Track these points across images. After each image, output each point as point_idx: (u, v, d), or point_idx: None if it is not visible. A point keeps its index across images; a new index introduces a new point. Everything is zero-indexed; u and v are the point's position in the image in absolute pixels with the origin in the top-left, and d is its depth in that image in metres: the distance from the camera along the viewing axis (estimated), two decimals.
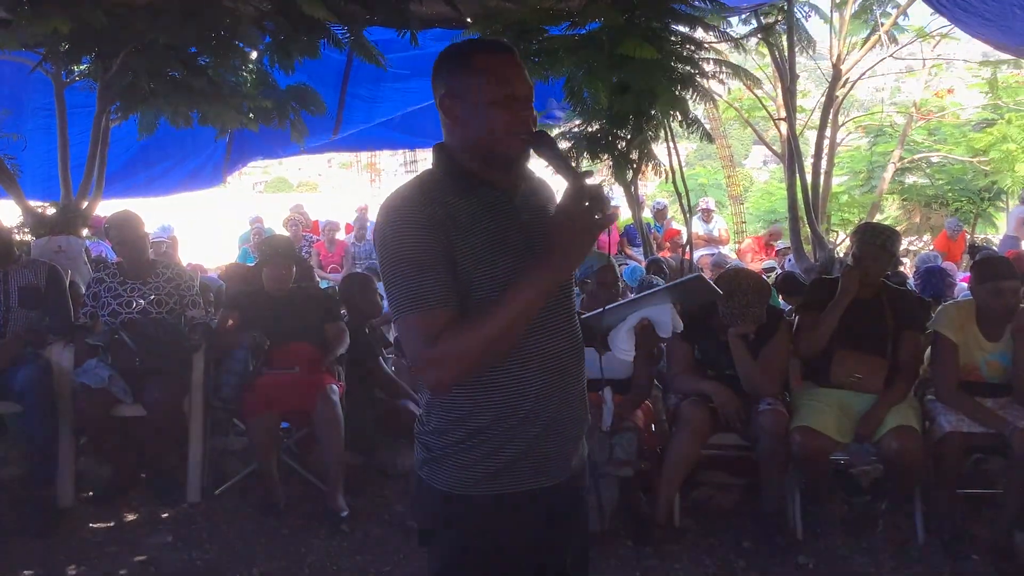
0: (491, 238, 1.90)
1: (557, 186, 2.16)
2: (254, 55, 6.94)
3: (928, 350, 4.66)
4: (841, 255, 9.41)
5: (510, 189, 1.99)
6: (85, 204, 6.90)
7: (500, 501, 1.96)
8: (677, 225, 13.76)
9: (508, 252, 1.90)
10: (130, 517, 4.79)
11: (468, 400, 1.94)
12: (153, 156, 9.34)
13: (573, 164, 1.78)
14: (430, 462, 2.01)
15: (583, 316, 1.89)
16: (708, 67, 7.01)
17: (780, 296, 6.85)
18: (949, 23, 10.51)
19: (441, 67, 2.00)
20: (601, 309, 1.88)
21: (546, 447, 1.98)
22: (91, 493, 5.02)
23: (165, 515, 4.80)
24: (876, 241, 4.46)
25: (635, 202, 8.75)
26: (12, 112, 7.86)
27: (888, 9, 12.68)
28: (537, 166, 2.09)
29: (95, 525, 4.68)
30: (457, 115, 1.95)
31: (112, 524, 4.69)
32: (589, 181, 1.79)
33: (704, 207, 13.62)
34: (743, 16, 9.62)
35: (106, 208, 7.60)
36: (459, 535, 1.99)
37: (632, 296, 1.84)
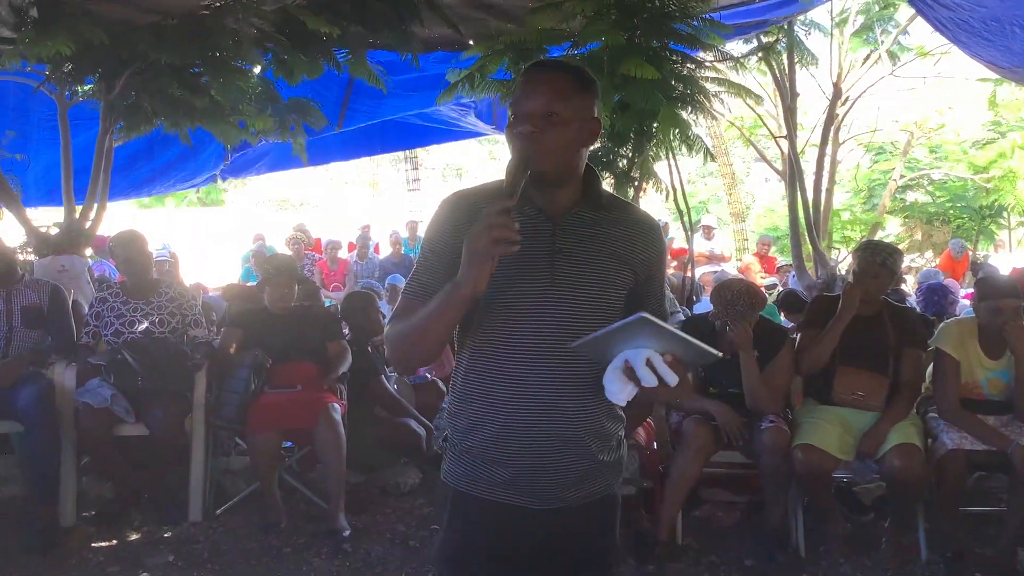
0: (510, 256, 1.87)
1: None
2: (257, 69, 6.98)
3: (930, 367, 4.65)
4: (843, 272, 9.42)
5: (555, 211, 2.01)
6: (88, 224, 6.92)
7: (486, 505, 2.02)
8: (678, 243, 13.77)
9: (524, 273, 1.93)
10: (132, 536, 4.78)
11: (456, 403, 2.08)
12: (156, 150, 9.30)
13: (517, 184, 1.78)
14: (443, 452, 2.14)
15: (574, 344, 1.87)
16: (709, 86, 7.03)
17: (782, 313, 6.86)
18: (948, 42, 10.57)
19: None
20: (586, 337, 1.84)
21: (527, 468, 2.00)
22: (93, 512, 5.01)
23: (167, 534, 4.79)
24: (877, 259, 4.47)
25: None
26: (18, 134, 7.89)
27: (888, 28, 12.75)
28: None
29: (96, 544, 4.66)
30: None
31: (114, 543, 4.69)
32: (501, 205, 1.80)
33: (705, 224, 13.65)
34: (745, 36, 9.67)
35: (109, 228, 7.62)
36: (448, 523, 2.07)
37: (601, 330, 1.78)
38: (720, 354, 1.92)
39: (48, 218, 8.07)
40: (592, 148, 6.57)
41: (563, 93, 1.95)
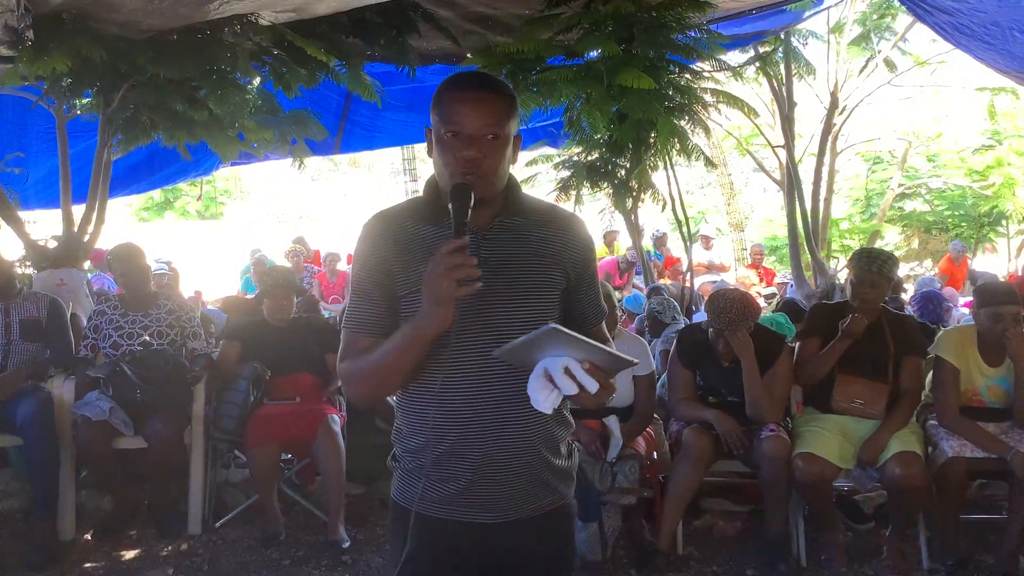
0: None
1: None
2: (256, 81, 7.00)
3: (929, 375, 4.65)
4: (841, 281, 9.42)
5: (479, 224, 1.98)
6: (87, 237, 6.92)
7: (437, 524, 2.01)
8: (676, 253, 13.79)
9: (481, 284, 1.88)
10: (131, 549, 4.76)
11: (405, 422, 2.07)
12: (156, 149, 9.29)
13: (463, 222, 1.77)
14: (395, 468, 2.13)
15: (495, 351, 1.87)
16: (706, 96, 7.05)
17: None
18: (945, 50, 10.61)
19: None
20: (507, 345, 1.83)
21: (479, 484, 1.99)
22: (92, 526, 4.99)
23: (166, 548, 4.78)
24: (873, 267, 4.46)
25: (635, 230, 8.77)
26: (18, 149, 7.91)
27: (886, 36, 12.79)
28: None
29: (96, 558, 4.66)
30: (429, 147, 2.00)
31: (113, 556, 4.67)
32: (455, 245, 1.79)
33: (704, 235, 13.66)
34: (742, 47, 9.71)
35: (108, 242, 7.62)
36: (402, 545, 2.01)
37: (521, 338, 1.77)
38: (636, 361, 1.93)
39: (47, 224, 8.09)
40: (591, 159, 6.51)
41: (503, 114, 1.94)
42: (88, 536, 4.90)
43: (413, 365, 1.95)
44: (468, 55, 7.29)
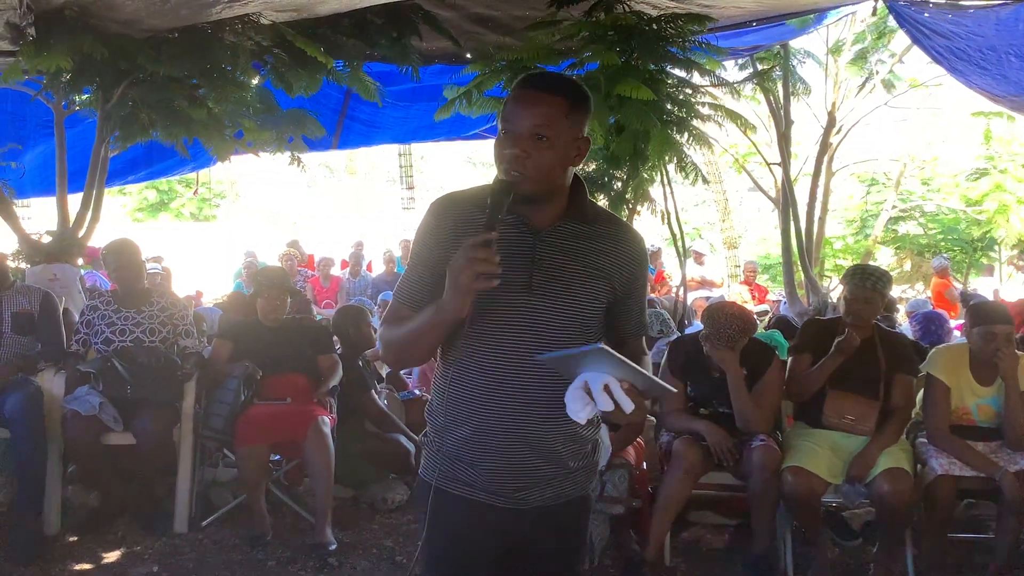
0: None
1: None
2: (256, 80, 7.01)
3: (920, 392, 4.66)
4: (834, 300, 9.45)
5: (539, 224, 2.04)
6: (81, 233, 6.91)
7: (458, 502, 2.07)
8: (669, 268, 13.79)
9: (503, 283, 1.91)
10: (116, 546, 4.74)
11: (434, 401, 2.16)
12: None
13: (496, 217, 1.84)
14: (425, 444, 2.20)
15: (540, 356, 1.93)
16: (704, 111, 7.07)
17: None
18: (942, 73, 10.67)
19: None
20: (556, 353, 1.88)
21: (500, 470, 2.05)
22: (78, 521, 4.96)
23: (152, 545, 4.75)
24: (867, 283, 4.47)
25: None
26: (15, 143, 7.90)
27: (883, 58, 12.86)
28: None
29: (81, 554, 4.63)
30: None
31: (98, 553, 4.65)
32: (482, 239, 1.85)
33: (696, 250, 13.67)
34: (740, 61, 9.74)
35: (102, 239, 7.61)
36: (427, 520, 2.10)
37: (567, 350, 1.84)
38: (674, 390, 1.99)
39: (41, 212, 8.06)
40: (588, 169, 6.52)
41: (555, 116, 1.97)
42: (74, 532, 4.87)
43: (432, 345, 2.06)
44: (468, 56, 7.31)
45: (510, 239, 1.99)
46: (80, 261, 7.23)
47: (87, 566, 4.51)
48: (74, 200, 7.02)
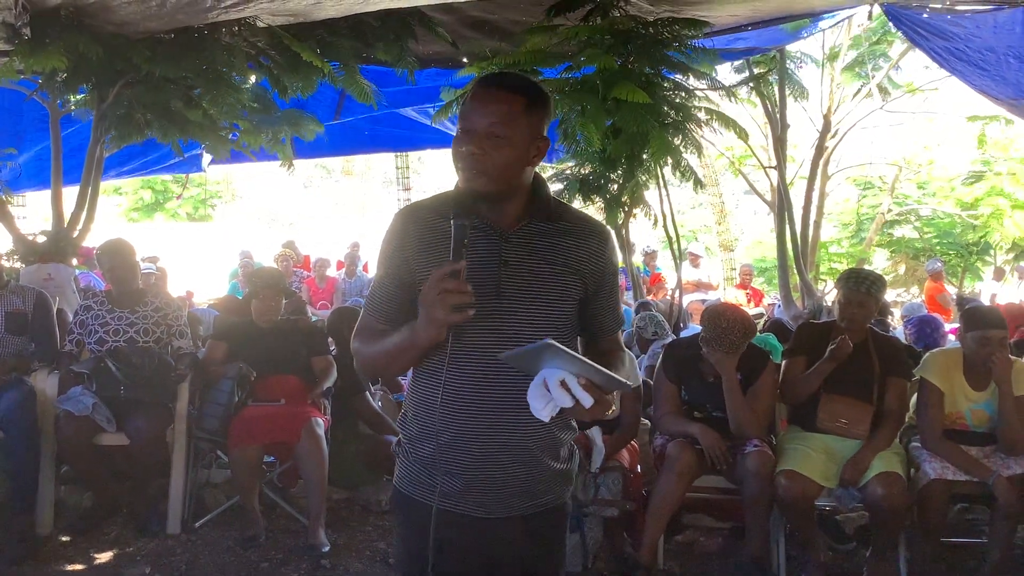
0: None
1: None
2: (252, 78, 7.00)
3: (914, 397, 4.66)
4: (829, 303, 9.46)
5: (503, 225, 2.02)
6: (76, 233, 6.90)
7: (439, 515, 2.01)
8: (663, 271, 13.80)
9: (472, 283, 1.89)
10: (109, 547, 4.73)
11: (409, 409, 2.14)
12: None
13: (462, 245, 1.82)
14: (398, 454, 2.18)
15: (503, 354, 1.90)
16: (700, 115, 7.09)
17: None
18: (938, 78, 10.70)
19: None
20: (516, 350, 1.87)
21: (479, 479, 2.03)
22: (70, 522, 4.96)
23: (145, 546, 4.74)
24: (862, 287, 4.48)
25: (626, 246, 8.78)
26: (11, 145, 7.90)
27: (880, 63, 12.88)
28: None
29: (73, 554, 4.62)
30: None
31: (90, 553, 4.64)
32: (450, 269, 1.83)
33: (692, 252, 13.69)
34: (735, 64, 9.75)
35: (97, 239, 7.61)
36: (404, 526, 2.14)
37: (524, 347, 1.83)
38: (633, 384, 1.98)
39: (36, 206, 8.04)
40: (584, 172, 6.53)
41: (511, 115, 1.96)
42: (66, 532, 4.86)
43: (409, 364, 2.06)
44: (464, 60, 7.31)
45: (476, 243, 1.96)
46: (74, 261, 7.22)
47: (80, 566, 4.50)
48: (69, 198, 7.01)
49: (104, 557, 4.63)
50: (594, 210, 7.69)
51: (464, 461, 2.02)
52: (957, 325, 5.07)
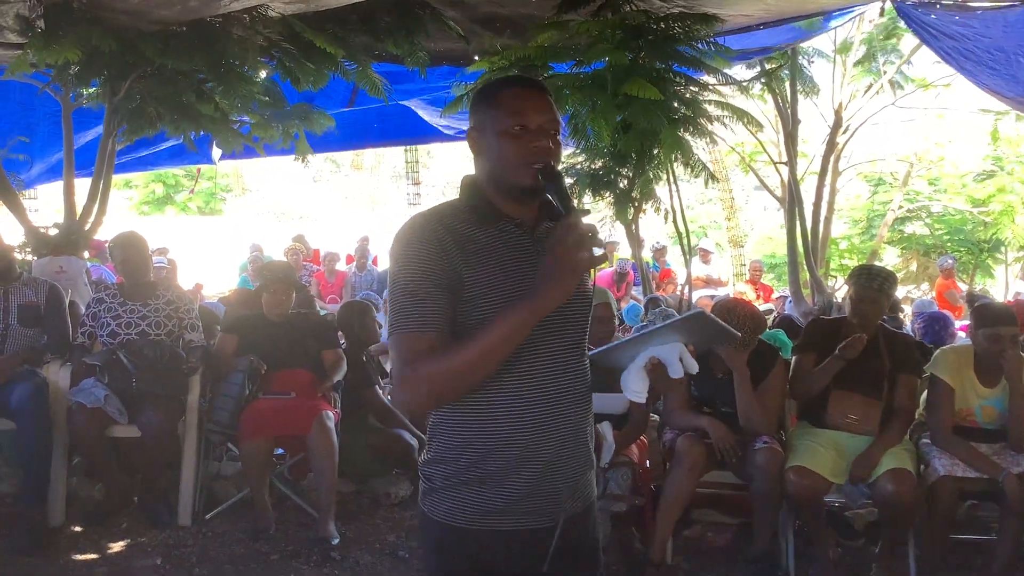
0: (504, 271, 1.92)
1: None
2: (264, 73, 7.02)
3: (924, 393, 4.66)
4: (839, 300, 9.45)
5: (531, 223, 2.02)
6: (88, 226, 6.93)
7: (494, 537, 1.96)
8: (674, 266, 13.80)
9: (523, 286, 1.89)
10: (120, 538, 4.76)
11: (465, 432, 1.96)
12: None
13: (568, 197, 1.81)
14: (430, 493, 2.02)
15: (590, 353, 1.93)
16: (711, 109, 7.07)
17: None
18: (950, 73, 10.66)
19: (472, 103, 2.10)
20: (606, 345, 1.90)
21: (542, 487, 1.97)
22: (82, 513, 4.99)
23: (155, 538, 4.77)
24: (874, 284, 4.48)
25: (636, 241, 8.78)
26: (23, 136, 7.93)
27: (892, 58, 12.83)
28: None
29: (85, 545, 4.66)
30: (478, 147, 2.03)
31: (102, 545, 4.67)
32: (584, 219, 1.83)
33: (702, 248, 13.67)
34: (748, 61, 9.72)
35: (109, 232, 7.64)
36: (449, 560, 2.00)
37: (637, 332, 1.88)
38: (739, 334, 2.06)
39: (48, 199, 8.07)
40: (594, 167, 6.53)
41: (555, 111, 2.03)
42: (78, 523, 4.89)
43: (505, 356, 1.87)
44: (476, 58, 7.31)
45: (513, 244, 1.96)
46: (86, 254, 7.25)
47: (91, 557, 4.53)
48: (81, 191, 7.04)
49: (115, 548, 4.65)
50: (604, 205, 7.71)
51: (534, 469, 1.95)
52: (967, 322, 5.06)
